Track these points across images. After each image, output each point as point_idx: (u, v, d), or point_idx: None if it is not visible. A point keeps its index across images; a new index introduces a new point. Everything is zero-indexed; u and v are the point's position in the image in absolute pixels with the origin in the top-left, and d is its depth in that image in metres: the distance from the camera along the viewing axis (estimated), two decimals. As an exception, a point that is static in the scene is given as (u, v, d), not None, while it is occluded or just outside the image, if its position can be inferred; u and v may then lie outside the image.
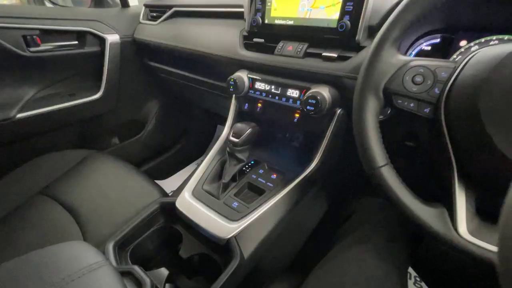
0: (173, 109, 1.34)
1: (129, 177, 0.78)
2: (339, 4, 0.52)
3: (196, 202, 0.57)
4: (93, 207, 0.67)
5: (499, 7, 0.49)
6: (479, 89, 0.29)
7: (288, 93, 0.62)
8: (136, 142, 1.24)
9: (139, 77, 1.14)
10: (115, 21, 0.98)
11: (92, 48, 0.94)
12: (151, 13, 1.01)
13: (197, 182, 0.62)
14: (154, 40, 0.94)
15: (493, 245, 0.31)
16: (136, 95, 1.19)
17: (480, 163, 0.31)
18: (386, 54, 0.36)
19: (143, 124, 1.26)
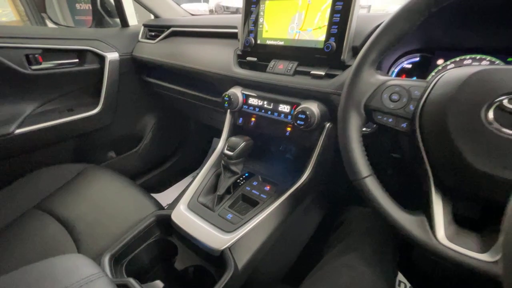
0: (169, 123, 1.37)
1: (125, 190, 0.79)
2: (325, 27, 0.57)
3: (191, 214, 0.59)
4: (88, 221, 0.68)
5: (468, 31, 0.54)
6: (447, 107, 0.33)
7: (279, 108, 0.65)
8: (133, 155, 1.26)
9: (136, 92, 1.17)
10: (115, 40, 1.02)
11: (92, 66, 0.97)
12: (150, 32, 1.06)
13: (193, 195, 0.64)
14: (152, 58, 0.98)
15: (468, 249, 0.33)
16: (134, 109, 1.21)
17: (452, 174, 0.34)
18: (365, 75, 0.40)
19: (140, 138, 1.28)
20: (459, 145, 0.32)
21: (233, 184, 0.64)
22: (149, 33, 1.06)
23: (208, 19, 0.92)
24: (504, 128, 0.30)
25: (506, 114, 0.30)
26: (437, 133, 0.34)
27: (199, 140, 1.59)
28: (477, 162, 0.31)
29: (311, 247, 0.78)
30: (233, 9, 6.33)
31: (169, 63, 0.92)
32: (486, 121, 0.30)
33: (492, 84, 0.31)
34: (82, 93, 1.02)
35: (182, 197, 0.64)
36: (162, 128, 1.34)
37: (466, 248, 0.33)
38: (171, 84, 1.02)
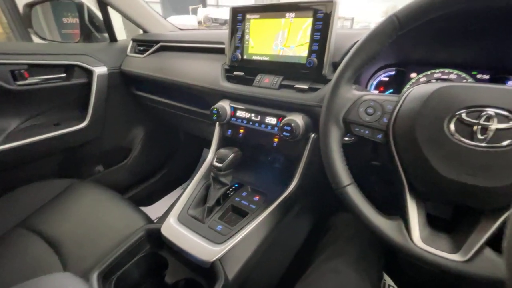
0: (158, 134, 1.37)
1: (114, 205, 0.78)
2: (307, 44, 0.61)
3: (181, 227, 0.59)
4: (75, 238, 0.67)
5: (436, 48, 0.60)
6: (415, 120, 0.36)
7: (266, 120, 0.68)
8: (121, 168, 1.24)
9: (125, 105, 1.17)
10: (103, 55, 1.03)
11: (79, 80, 0.97)
12: (138, 47, 1.08)
13: (182, 207, 0.64)
14: (141, 72, 1.00)
15: (441, 251, 0.36)
16: (122, 122, 1.21)
17: (423, 181, 0.37)
18: (342, 91, 0.43)
19: (129, 151, 1.27)
20: (427, 154, 0.35)
21: (222, 195, 0.66)
22: (138, 48, 1.08)
23: (196, 35, 0.95)
24: (464, 138, 0.33)
25: (465, 126, 0.33)
26: (408, 144, 0.37)
27: (189, 151, 1.59)
28: (443, 170, 0.34)
29: (302, 254, 0.79)
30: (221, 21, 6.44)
31: (158, 77, 0.94)
32: (448, 133, 0.34)
33: (451, 99, 0.34)
34: (69, 107, 1.01)
35: (172, 210, 0.64)
36: (152, 140, 1.33)
37: (439, 249, 0.36)
38: (160, 97, 1.04)
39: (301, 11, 0.59)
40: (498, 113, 0.32)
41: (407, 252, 0.37)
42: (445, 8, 0.34)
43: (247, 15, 0.67)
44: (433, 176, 0.35)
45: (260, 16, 0.65)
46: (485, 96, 0.33)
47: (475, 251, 0.33)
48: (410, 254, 0.37)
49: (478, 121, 0.32)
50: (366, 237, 0.60)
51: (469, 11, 0.44)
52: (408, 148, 0.37)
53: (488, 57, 0.56)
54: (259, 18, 0.66)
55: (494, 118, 0.32)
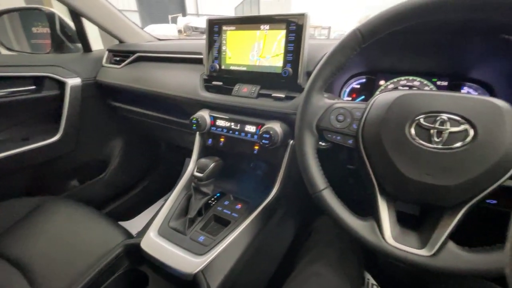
0: (138, 146, 1.34)
1: (89, 221, 0.75)
2: (282, 55, 0.63)
3: (162, 240, 0.58)
4: (46, 259, 0.63)
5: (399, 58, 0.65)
6: (380, 126, 0.39)
7: (246, 128, 0.69)
8: (99, 182, 1.19)
9: (101, 117, 1.14)
10: (77, 65, 1.00)
11: (51, 92, 0.93)
12: (115, 57, 1.06)
13: (163, 220, 0.63)
14: (117, 83, 0.98)
15: (410, 247, 0.38)
16: (98, 134, 1.17)
17: (391, 182, 0.39)
18: (314, 100, 0.45)
19: (106, 164, 1.22)
20: (392, 157, 0.37)
21: (204, 205, 0.65)
22: (114, 58, 1.06)
23: (174, 45, 0.95)
24: (423, 141, 0.36)
25: (423, 130, 0.36)
26: (375, 148, 0.39)
27: (171, 161, 1.56)
28: (407, 171, 0.37)
29: (288, 259, 0.80)
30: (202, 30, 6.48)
31: (136, 87, 0.93)
32: (410, 137, 0.37)
33: (411, 106, 0.37)
34: (39, 121, 0.96)
35: (152, 223, 0.63)
36: (131, 152, 1.30)
37: (408, 246, 0.38)
38: (138, 108, 1.02)
39: (274, 24, 0.62)
40: (450, 118, 0.35)
41: (380, 250, 0.39)
42: (401, 23, 0.37)
43: (223, 26, 0.69)
44: (399, 177, 0.37)
45: (236, 27, 0.67)
46: (440, 102, 0.36)
47: (439, 246, 0.36)
48: (383, 252, 0.39)
49: (434, 125, 0.35)
50: (346, 239, 0.62)
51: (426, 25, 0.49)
52: (376, 151, 0.39)
53: (446, 66, 0.62)
54: (235, 29, 0.67)
55: (447, 123, 0.35)
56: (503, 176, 0.33)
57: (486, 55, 0.54)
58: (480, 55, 0.55)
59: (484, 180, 0.34)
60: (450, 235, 0.36)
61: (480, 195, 0.35)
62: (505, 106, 0.34)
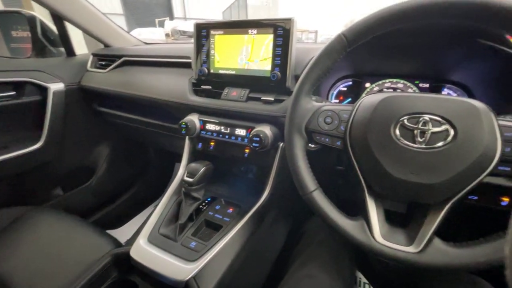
0: (126, 152, 1.30)
1: (75, 231, 0.72)
2: (270, 59, 0.64)
3: (152, 248, 0.56)
4: (29, 272, 0.60)
5: (383, 61, 0.67)
6: (366, 127, 0.40)
7: (236, 132, 0.69)
8: (84, 190, 1.15)
9: (87, 123, 1.10)
10: (60, 70, 0.97)
11: (32, 98, 0.90)
12: (100, 61, 1.03)
13: (153, 227, 0.62)
14: (103, 87, 0.95)
15: (398, 244, 0.39)
16: (84, 141, 1.13)
17: (378, 181, 0.40)
18: (303, 103, 0.46)
19: (92, 171, 1.18)
20: (379, 158, 0.39)
21: (195, 210, 0.64)
22: (99, 63, 1.03)
23: (161, 49, 0.94)
24: (407, 141, 0.37)
25: (407, 131, 0.38)
26: (363, 149, 0.40)
27: (161, 166, 1.53)
28: (393, 171, 0.38)
29: (281, 262, 0.80)
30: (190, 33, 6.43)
31: (123, 92, 0.91)
32: (395, 137, 0.38)
33: (395, 108, 0.39)
34: (19, 128, 0.92)
35: (142, 230, 0.61)
36: (118, 158, 1.26)
37: (396, 243, 0.39)
38: (125, 113, 1.00)
39: (262, 28, 0.62)
40: (432, 118, 0.37)
41: (370, 249, 0.40)
42: (383, 28, 0.38)
43: (211, 31, 0.69)
44: (386, 177, 0.39)
45: (224, 32, 0.68)
46: (422, 104, 0.38)
47: (426, 242, 0.37)
48: (373, 250, 0.40)
49: (417, 126, 0.37)
50: (337, 239, 0.63)
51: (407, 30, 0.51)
52: (363, 152, 0.40)
53: (427, 69, 0.65)
54: (223, 34, 0.68)
55: (429, 123, 0.36)
56: (483, 173, 0.35)
57: (464, 59, 0.56)
58: (458, 58, 0.57)
59: (465, 177, 0.35)
60: (436, 231, 0.37)
61: (462, 192, 0.36)
62: (482, 106, 0.35)
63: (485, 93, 0.57)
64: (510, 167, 0.34)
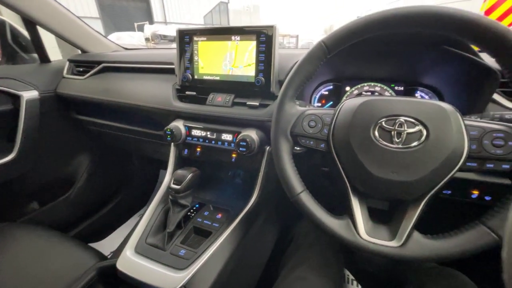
0: (107, 160, 1.26)
1: (55, 246, 0.68)
2: (254, 64, 0.65)
3: (139, 258, 0.55)
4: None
5: (361, 66, 0.70)
6: (348, 129, 0.42)
7: (222, 137, 0.69)
8: (63, 202, 1.10)
9: (64, 132, 1.06)
10: (33, 77, 0.92)
11: (3, 107, 0.85)
12: (77, 68, 1.00)
13: (140, 237, 0.60)
14: (82, 95, 0.92)
15: (381, 239, 0.41)
16: (61, 151, 1.08)
17: (361, 181, 0.42)
18: (287, 108, 0.47)
19: (72, 182, 1.13)
20: (361, 158, 0.41)
21: (183, 218, 0.63)
22: (76, 69, 1.00)
23: (143, 55, 0.92)
24: (386, 142, 0.40)
25: (385, 132, 0.40)
26: (345, 150, 0.43)
27: (145, 174, 1.49)
28: (374, 170, 0.40)
29: (272, 265, 0.80)
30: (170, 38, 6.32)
31: (104, 99, 0.88)
32: (374, 138, 0.40)
33: (374, 110, 0.41)
34: (-11, 139, 0.86)
35: (128, 241, 0.60)
36: (100, 167, 1.22)
37: (380, 239, 0.41)
38: (107, 121, 0.96)
39: (245, 35, 0.64)
40: (407, 120, 0.39)
41: (356, 245, 0.42)
42: (359, 36, 0.41)
43: (194, 37, 0.69)
44: (368, 177, 0.41)
45: (207, 38, 0.68)
46: (397, 107, 0.41)
47: (406, 236, 0.40)
48: (359, 247, 0.41)
49: (394, 127, 0.39)
50: (326, 240, 0.64)
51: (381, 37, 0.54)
52: (346, 154, 0.42)
53: (401, 73, 0.69)
54: (207, 40, 0.68)
55: (404, 124, 0.39)
56: (453, 169, 0.38)
57: (433, 64, 0.61)
58: (428, 64, 0.62)
59: (438, 174, 0.38)
60: (415, 225, 0.40)
61: (436, 187, 0.39)
62: (450, 108, 0.39)
63: (453, 95, 0.62)
64: (477, 162, 0.38)
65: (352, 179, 0.43)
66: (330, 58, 0.45)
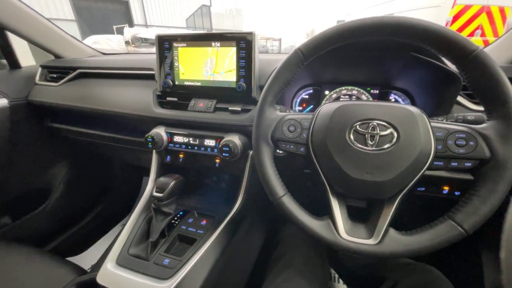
0: (87, 169, 1.21)
1: (30, 262, 0.65)
2: (234, 70, 0.66)
3: (121, 271, 0.53)
4: None
5: (338, 71, 0.73)
6: (325, 133, 0.44)
7: (205, 143, 0.69)
8: (38, 215, 1.04)
9: (38, 141, 1.00)
10: (2, 84, 0.87)
11: (-32, 117, 0.80)
12: (50, 74, 0.95)
13: (122, 248, 0.58)
14: (57, 102, 0.88)
15: (360, 238, 0.43)
16: (36, 160, 1.03)
17: (339, 182, 0.44)
18: (267, 113, 0.48)
19: (47, 193, 1.07)
20: (338, 161, 0.42)
21: (167, 226, 0.62)
22: (50, 75, 0.95)
23: (121, 61, 0.90)
24: (360, 145, 0.42)
25: (360, 135, 0.42)
26: (323, 153, 0.44)
27: (128, 182, 1.45)
28: (351, 172, 0.42)
29: (258, 270, 0.80)
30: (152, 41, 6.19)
31: (81, 106, 0.85)
32: (350, 141, 0.42)
33: (349, 114, 0.43)
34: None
35: (109, 253, 0.58)
36: (78, 176, 1.16)
37: (358, 238, 0.43)
38: (84, 128, 0.93)
39: (225, 41, 0.64)
40: (379, 123, 0.42)
41: (337, 245, 0.43)
42: (333, 44, 0.43)
43: (174, 43, 0.69)
44: (345, 178, 0.42)
45: (187, 44, 0.68)
46: (370, 111, 0.43)
47: (383, 233, 0.42)
48: (340, 246, 0.43)
49: (367, 130, 0.42)
50: (309, 242, 0.66)
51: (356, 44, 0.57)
52: (324, 157, 0.44)
53: (376, 77, 0.73)
54: (187, 46, 0.68)
55: (377, 128, 0.41)
56: (423, 168, 0.40)
57: (403, 69, 0.65)
58: (399, 68, 0.66)
59: (409, 173, 0.40)
60: (391, 223, 0.42)
61: (408, 186, 0.41)
62: (417, 111, 0.41)
63: (422, 98, 0.66)
64: (443, 162, 0.40)
65: (331, 180, 0.45)
66: (309, 64, 0.47)
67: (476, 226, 0.37)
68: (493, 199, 0.36)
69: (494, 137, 0.37)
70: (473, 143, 0.38)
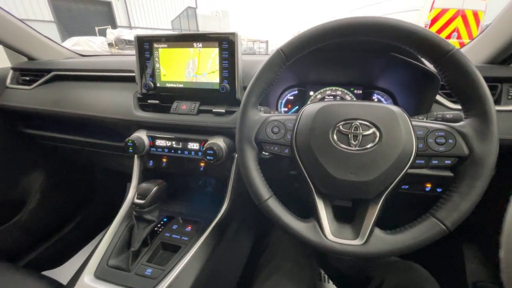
0: (65, 176, 1.15)
1: (3, 278, 0.60)
2: (217, 71, 0.64)
3: (100, 284, 0.50)
4: None
5: (322, 72, 0.73)
6: (309, 134, 0.43)
7: (189, 146, 0.67)
8: (11, 228, 0.97)
9: (10, 148, 0.94)
10: None
11: None
12: (23, 77, 0.90)
13: (101, 259, 0.55)
14: (30, 106, 0.83)
15: (346, 239, 0.42)
16: (8, 169, 0.96)
17: (324, 183, 0.44)
18: (250, 115, 0.47)
19: (22, 204, 1.01)
20: (322, 161, 0.42)
21: (150, 234, 0.60)
22: (22, 78, 0.90)
23: (100, 62, 0.87)
24: (344, 145, 0.41)
25: (343, 135, 0.42)
26: (307, 154, 0.43)
27: (110, 188, 1.39)
28: (335, 172, 0.41)
29: (247, 275, 0.79)
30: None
31: (56, 110, 0.80)
32: (333, 142, 0.42)
33: (332, 115, 0.43)
34: None
35: (87, 265, 0.54)
36: (56, 185, 1.10)
37: (345, 239, 0.42)
38: (61, 134, 0.88)
39: (207, 42, 0.63)
40: (362, 123, 0.41)
41: (323, 247, 0.42)
42: (314, 44, 0.43)
43: (154, 44, 0.66)
44: (330, 179, 0.42)
45: (168, 45, 0.66)
46: (353, 111, 0.43)
47: (368, 233, 0.42)
48: (326, 248, 0.42)
49: (350, 130, 0.41)
50: (296, 244, 0.65)
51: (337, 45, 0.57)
52: (308, 158, 0.43)
53: (359, 77, 0.73)
54: (168, 47, 0.66)
55: (360, 127, 0.41)
56: (405, 167, 0.41)
57: (384, 69, 0.66)
58: (380, 69, 0.67)
59: (392, 172, 0.41)
60: (376, 222, 0.42)
61: (392, 184, 0.41)
62: (398, 111, 0.42)
63: (404, 97, 0.68)
64: (424, 160, 0.41)
65: (315, 181, 0.44)
66: (293, 65, 0.46)
67: (457, 222, 0.37)
68: (473, 195, 0.37)
69: (471, 134, 0.38)
70: (452, 141, 0.39)
